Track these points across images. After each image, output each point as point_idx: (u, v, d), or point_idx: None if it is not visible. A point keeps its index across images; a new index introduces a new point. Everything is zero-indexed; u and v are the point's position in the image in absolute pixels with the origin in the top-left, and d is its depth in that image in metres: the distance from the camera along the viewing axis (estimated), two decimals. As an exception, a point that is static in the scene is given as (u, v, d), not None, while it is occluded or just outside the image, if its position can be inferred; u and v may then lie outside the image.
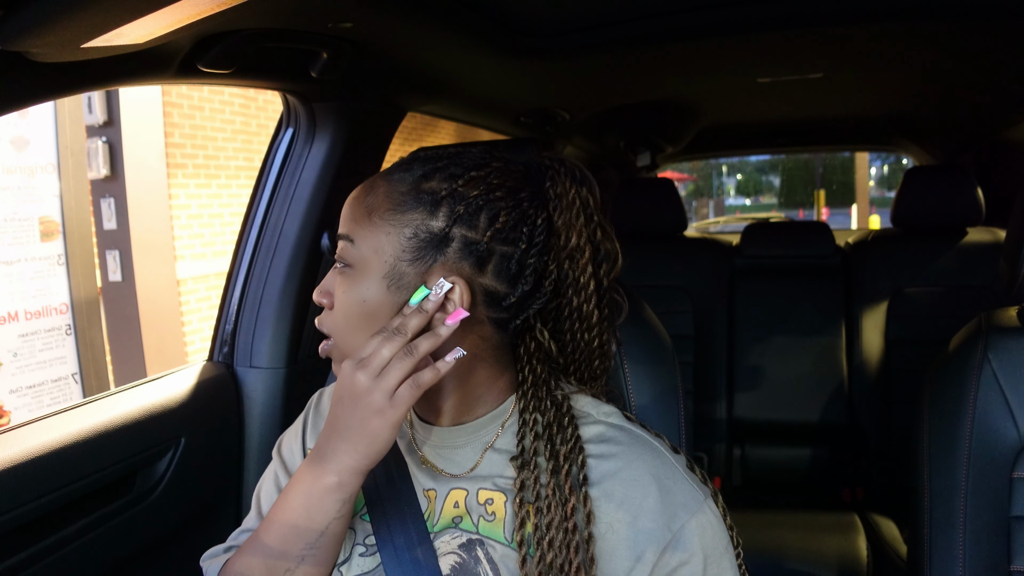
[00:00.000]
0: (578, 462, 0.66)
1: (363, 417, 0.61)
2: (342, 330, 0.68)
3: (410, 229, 0.64)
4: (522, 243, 0.65)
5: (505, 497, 0.67)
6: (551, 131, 2.12)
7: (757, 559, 1.62)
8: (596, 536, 0.64)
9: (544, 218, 0.68)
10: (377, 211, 0.65)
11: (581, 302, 0.71)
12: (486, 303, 0.66)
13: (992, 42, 1.39)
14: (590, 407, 0.72)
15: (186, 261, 4.48)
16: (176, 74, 0.91)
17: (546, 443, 0.67)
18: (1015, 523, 0.92)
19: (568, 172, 0.70)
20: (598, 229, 0.71)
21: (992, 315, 1.01)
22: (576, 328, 0.73)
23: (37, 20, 0.63)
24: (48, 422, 0.94)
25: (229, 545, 0.78)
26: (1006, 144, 2.49)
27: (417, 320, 0.62)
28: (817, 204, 12.24)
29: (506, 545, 0.66)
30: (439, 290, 0.63)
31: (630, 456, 0.67)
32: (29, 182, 2.72)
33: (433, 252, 0.64)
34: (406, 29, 1.05)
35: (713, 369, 2.26)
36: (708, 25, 1.23)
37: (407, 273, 0.64)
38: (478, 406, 0.71)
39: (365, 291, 0.65)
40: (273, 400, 1.24)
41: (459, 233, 0.64)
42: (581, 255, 0.70)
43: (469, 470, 0.70)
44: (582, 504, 0.64)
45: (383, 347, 0.61)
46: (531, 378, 0.70)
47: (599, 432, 0.69)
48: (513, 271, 0.65)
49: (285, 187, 1.26)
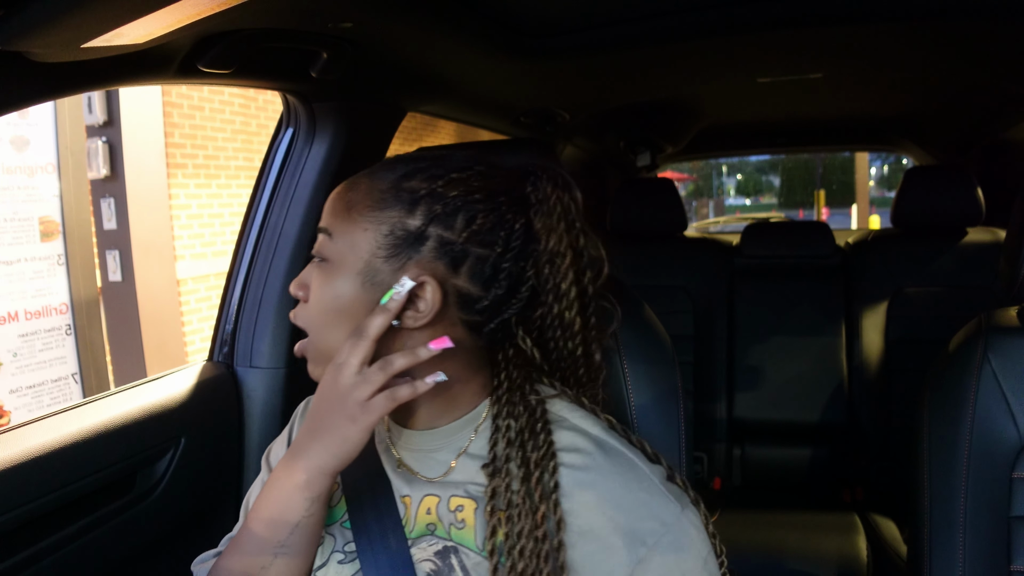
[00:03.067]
0: (549, 469, 0.65)
1: (336, 421, 0.62)
2: (316, 325, 0.68)
3: (387, 226, 0.64)
4: (498, 246, 0.65)
5: (476, 504, 0.67)
6: (551, 131, 2.12)
7: (757, 559, 1.62)
8: (567, 544, 0.63)
9: (523, 223, 0.67)
10: (357, 207, 0.66)
11: (563, 309, 0.70)
12: (459, 305, 0.66)
13: (993, 42, 1.39)
14: (566, 411, 0.71)
15: (186, 261, 4.48)
16: (176, 74, 0.91)
17: (518, 449, 0.66)
18: (1015, 523, 0.92)
19: (551, 178, 0.70)
20: (580, 235, 0.70)
21: (992, 315, 1.01)
22: (559, 336, 0.72)
23: (37, 20, 0.63)
24: (48, 422, 0.94)
25: (219, 550, 0.78)
26: (1006, 144, 2.49)
27: (380, 320, 0.62)
28: (817, 204, 12.24)
29: (477, 553, 0.65)
30: (401, 288, 0.62)
31: (602, 469, 0.66)
32: (29, 182, 2.72)
33: (408, 250, 0.64)
34: (406, 29, 1.05)
35: (713, 369, 2.26)
36: (708, 25, 1.23)
37: (381, 270, 0.64)
38: (451, 409, 0.70)
39: (339, 286, 0.65)
40: (273, 400, 1.24)
41: (435, 232, 0.64)
42: (562, 260, 0.69)
43: (443, 475, 0.70)
44: (552, 512, 0.63)
45: (351, 354, 0.62)
46: (507, 383, 0.70)
47: (572, 441, 0.68)
48: (487, 274, 0.65)
49: (285, 187, 1.26)
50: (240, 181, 4.85)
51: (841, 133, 3.01)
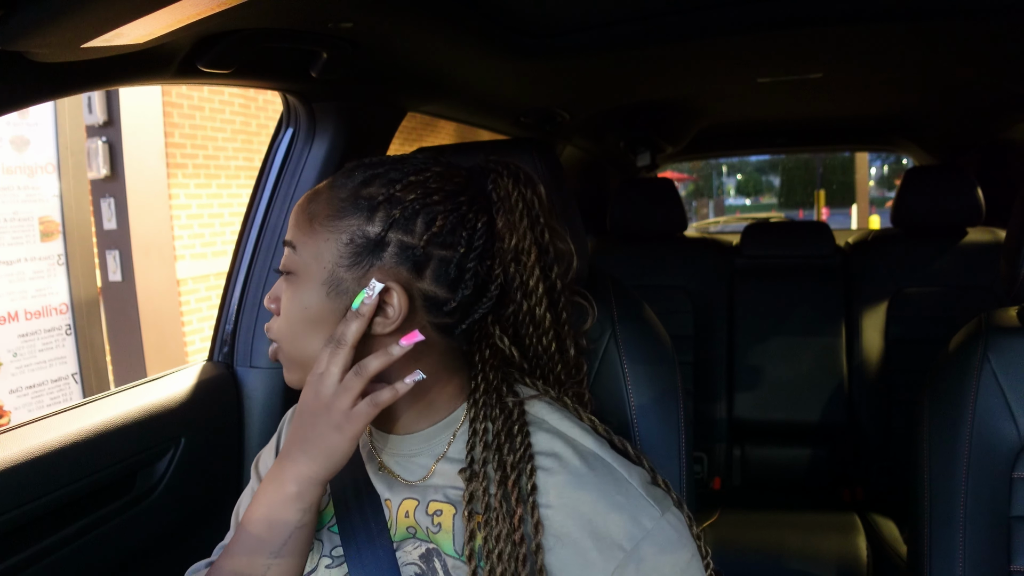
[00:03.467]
0: (527, 472, 0.64)
1: (322, 431, 0.63)
2: (287, 337, 0.68)
3: (347, 235, 0.64)
4: (461, 247, 0.64)
5: (454, 509, 0.67)
6: (551, 131, 2.12)
7: (757, 559, 1.62)
8: (545, 548, 0.63)
9: (485, 221, 0.67)
10: (318, 218, 0.65)
11: (532, 305, 0.70)
12: (427, 308, 0.65)
13: (992, 42, 1.39)
14: (546, 413, 0.70)
15: (186, 261, 4.47)
16: (176, 74, 0.91)
17: (495, 453, 0.66)
18: (1015, 523, 0.92)
19: (511, 174, 0.69)
20: (545, 231, 0.70)
21: (992, 315, 1.01)
22: (531, 333, 0.72)
23: (37, 20, 0.63)
24: (48, 422, 0.94)
25: (211, 560, 0.77)
26: (1006, 144, 2.49)
27: (355, 326, 0.62)
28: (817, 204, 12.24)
29: (455, 557, 0.65)
30: (371, 291, 0.62)
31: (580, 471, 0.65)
32: (29, 182, 2.72)
33: (369, 257, 0.63)
34: (406, 29, 1.05)
35: (713, 369, 2.26)
36: (708, 25, 1.23)
37: (345, 279, 0.64)
38: (429, 413, 0.70)
39: (306, 298, 0.65)
40: (273, 400, 1.24)
41: (395, 238, 0.63)
42: (527, 257, 0.68)
43: (423, 478, 0.70)
44: (530, 515, 0.63)
45: (331, 363, 0.62)
46: (483, 386, 0.70)
47: (550, 445, 0.67)
48: (452, 276, 0.65)
49: (285, 187, 1.26)
50: (240, 181, 4.85)
51: (841, 133, 3.01)
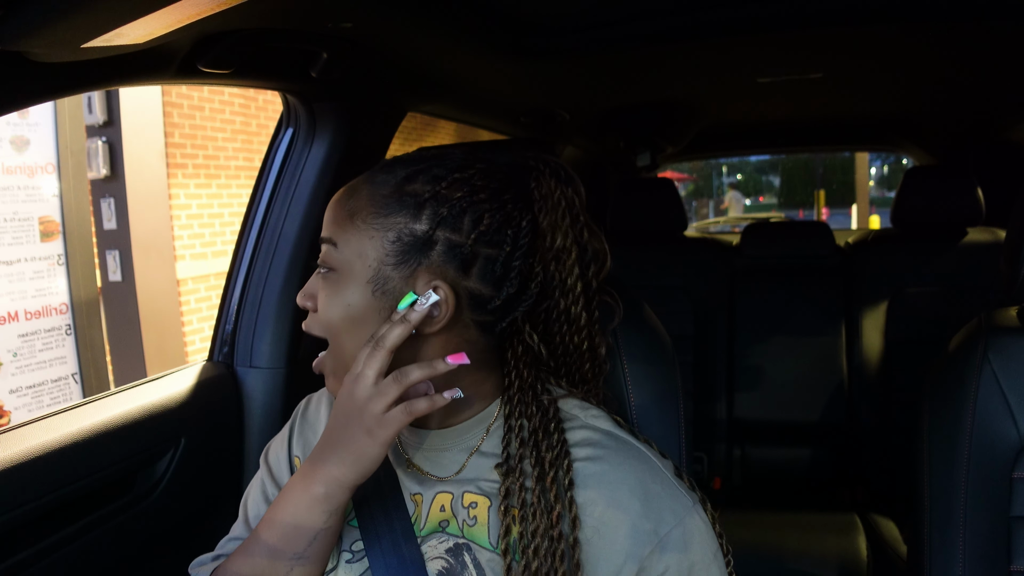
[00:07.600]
0: (563, 467, 0.65)
1: (354, 434, 0.62)
2: (330, 335, 0.67)
3: (393, 232, 0.63)
4: (507, 245, 0.65)
5: (489, 502, 0.67)
6: (551, 131, 2.12)
7: (757, 559, 1.62)
8: (582, 541, 0.63)
9: (529, 219, 0.67)
10: (359, 214, 0.65)
11: (569, 304, 0.70)
12: (471, 306, 0.65)
13: (992, 43, 1.39)
14: (577, 410, 0.71)
15: (186, 261, 4.47)
16: (176, 74, 0.91)
17: (531, 449, 0.66)
18: (1015, 523, 0.92)
19: (553, 172, 0.69)
20: (584, 229, 0.70)
21: (992, 315, 1.01)
22: (564, 331, 0.72)
23: (37, 20, 0.63)
24: (48, 422, 0.94)
25: (217, 554, 0.77)
26: (1006, 144, 2.49)
27: (399, 331, 0.61)
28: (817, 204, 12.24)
29: (490, 550, 0.65)
30: (426, 300, 0.62)
31: (616, 461, 0.66)
32: (29, 182, 2.72)
33: (417, 255, 0.63)
34: (406, 29, 1.05)
35: (713, 369, 2.26)
36: (708, 25, 1.23)
37: (391, 277, 0.63)
38: (463, 409, 0.70)
39: (349, 296, 0.65)
40: (273, 400, 1.24)
41: (443, 236, 0.63)
42: (567, 256, 0.69)
43: (455, 473, 0.70)
44: (568, 511, 0.63)
45: (368, 365, 0.61)
46: (517, 383, 0.70)
47: (586, 436, 0.68)
48: (498, 274, 0.65)
49: (285, 187, 1.26)
50: (240, 181, 4.85)
51: (841, 133, 3.00)
